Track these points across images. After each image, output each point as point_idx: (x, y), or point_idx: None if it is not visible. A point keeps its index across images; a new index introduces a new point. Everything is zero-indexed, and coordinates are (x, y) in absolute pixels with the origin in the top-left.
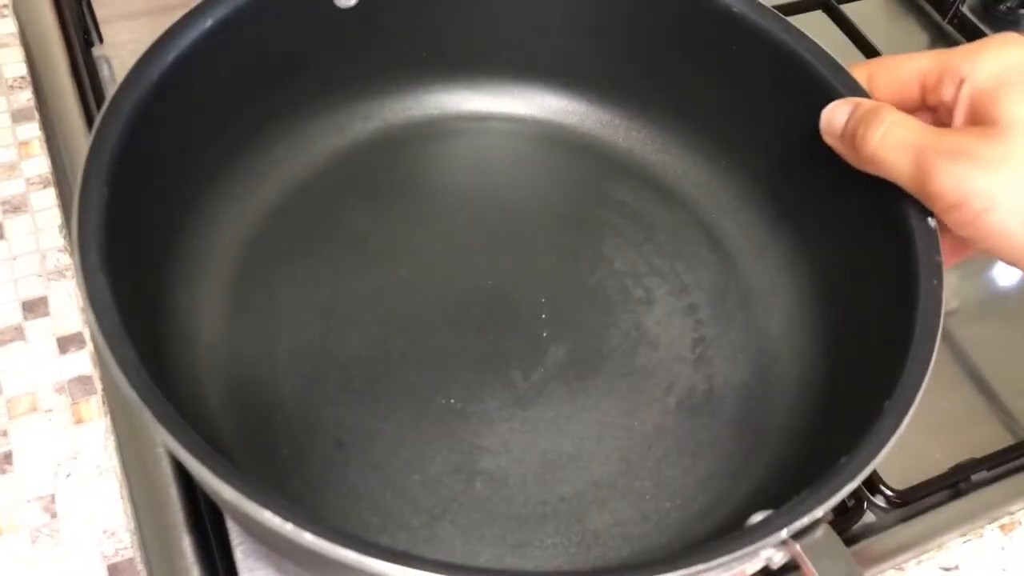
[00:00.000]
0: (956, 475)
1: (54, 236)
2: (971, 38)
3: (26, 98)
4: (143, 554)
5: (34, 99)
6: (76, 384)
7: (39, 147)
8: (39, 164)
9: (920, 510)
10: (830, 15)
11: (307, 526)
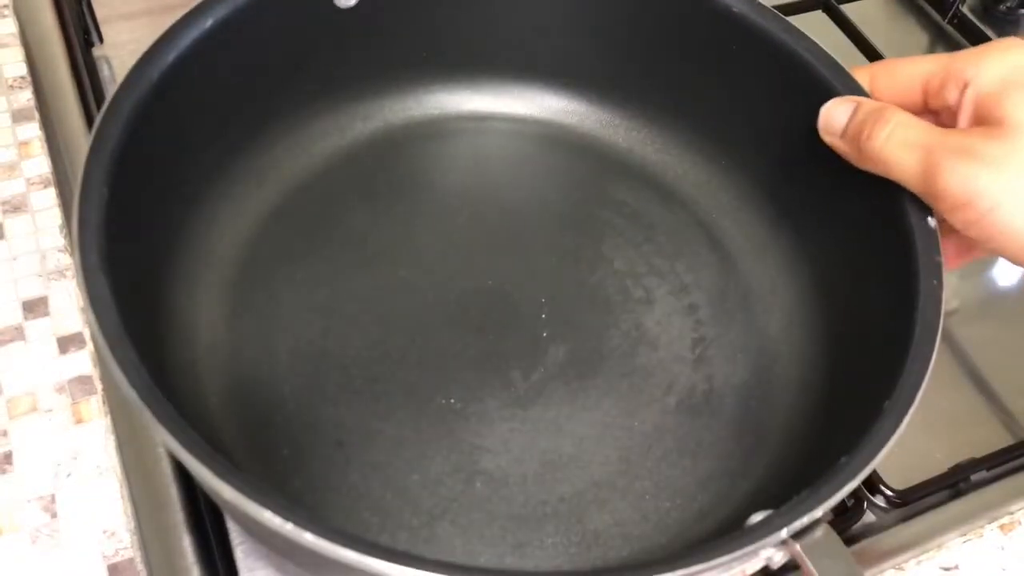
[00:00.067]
0: (956, 475)
1: (54, 236)
2: (971, 38)
3: (26, 98)
4: (143, 554)
5: (34, 99)
6: (76, 384)
7: (39, 147)
8: (39, 164)
9: (920, 510)
10: (830, 15)
11: (307, 526)
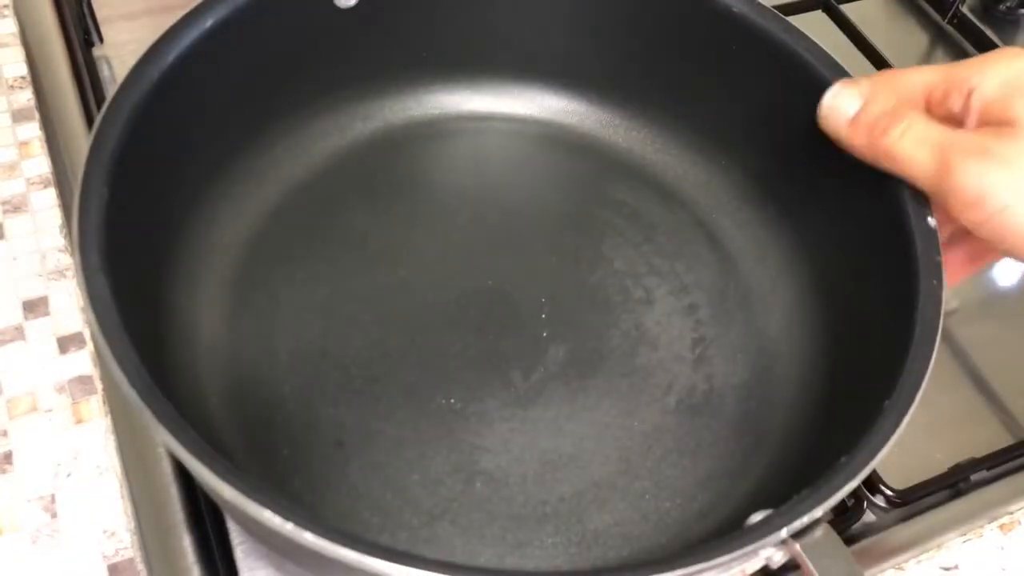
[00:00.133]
0: (956, 475)
1: (54, 236)
2: (971, 38)
3: (26, 98)
4: (143, 554)
5: (34, 99)
6: (76, 384)
7: (39, 147)
8: (39, 164)
9: (920, 510)
10: (830, 15)
11: (307, 526)
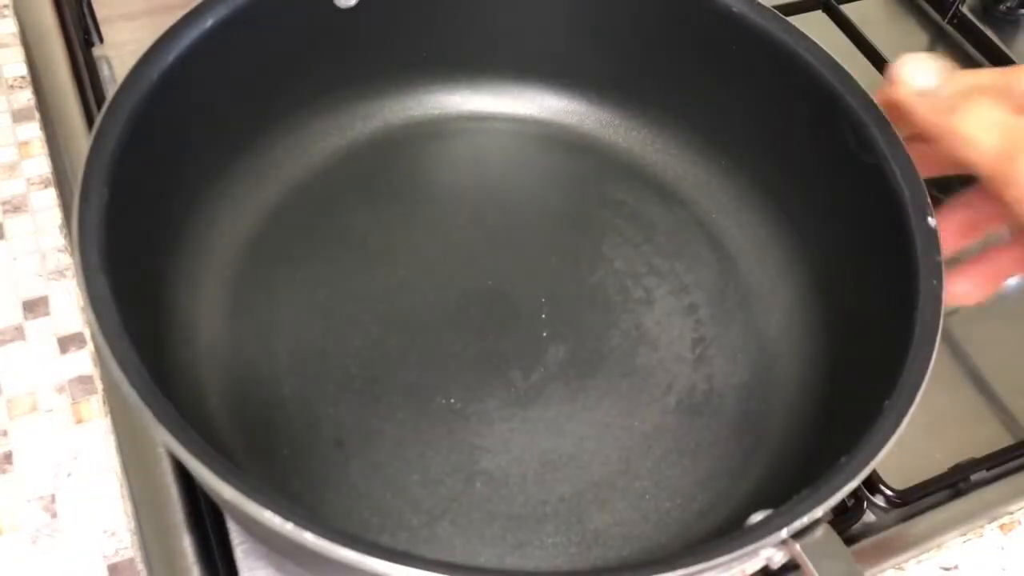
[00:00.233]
0: (956, 475)
1: (54, 236)
2: (971, 38)
3: (26, 98)
4: (143, 554)
5: (34, 99)
6: (76, 384)
7: (39, 147)
8: (39, 164)
9: (920, 510)
10: (830, 15)
11: (307, 526)
